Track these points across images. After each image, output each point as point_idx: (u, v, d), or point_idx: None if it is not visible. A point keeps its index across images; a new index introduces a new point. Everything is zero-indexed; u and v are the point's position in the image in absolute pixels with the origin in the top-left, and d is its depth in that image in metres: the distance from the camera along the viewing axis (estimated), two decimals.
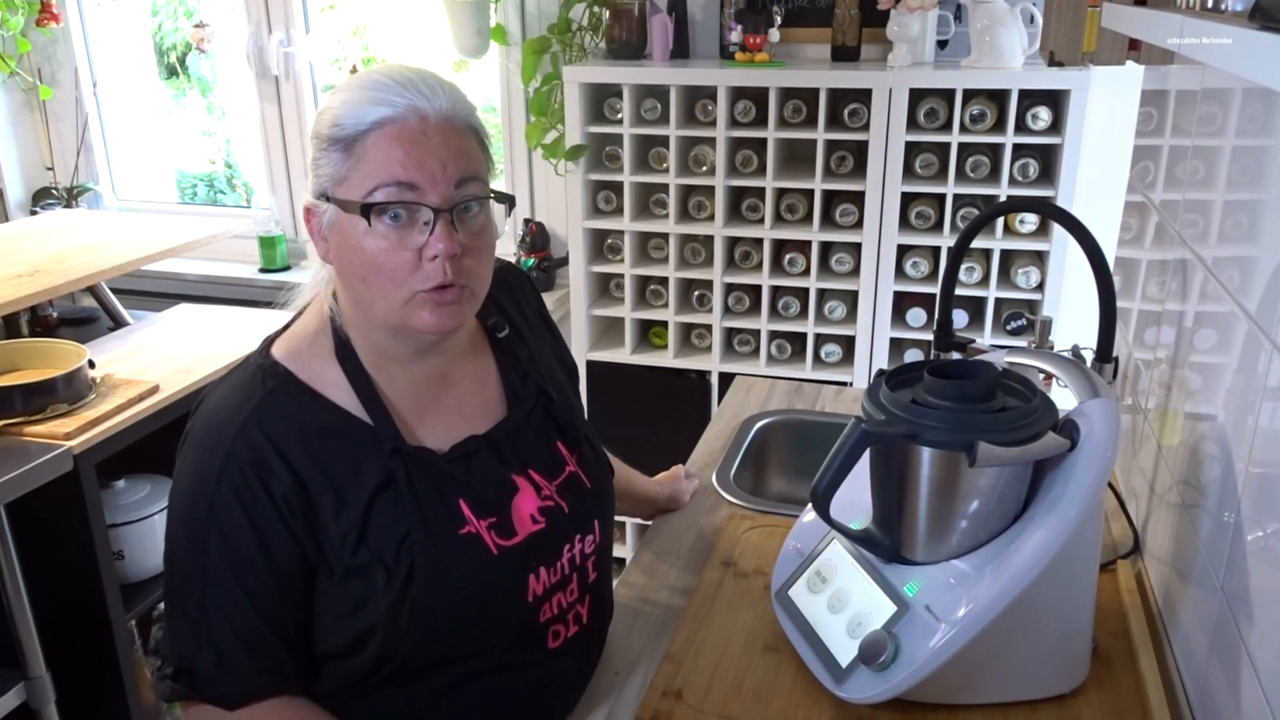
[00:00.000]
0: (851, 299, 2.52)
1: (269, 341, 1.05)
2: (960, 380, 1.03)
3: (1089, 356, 1.23)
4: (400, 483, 0.99)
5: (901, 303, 2.48)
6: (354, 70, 3.07)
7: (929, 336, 1.79)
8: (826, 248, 2.52)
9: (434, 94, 0.95)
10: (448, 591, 0.99)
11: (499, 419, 1.09)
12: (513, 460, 1.07)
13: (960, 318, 2.48)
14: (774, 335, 2.60)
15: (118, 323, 2.83)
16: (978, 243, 2.25)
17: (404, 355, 1.03)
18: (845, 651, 1.06)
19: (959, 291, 2.32)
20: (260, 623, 0.98)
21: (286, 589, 0.99)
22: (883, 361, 2.50)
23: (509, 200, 1.01)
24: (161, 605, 2.15)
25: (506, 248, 3.02)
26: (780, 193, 2.49)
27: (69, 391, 1.89)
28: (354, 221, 0.94)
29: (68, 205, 3.41)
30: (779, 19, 2.48)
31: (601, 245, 2.69)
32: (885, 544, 1.08)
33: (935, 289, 2.33)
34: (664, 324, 2.66)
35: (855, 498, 1.10)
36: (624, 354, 2.69)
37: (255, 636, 0.98)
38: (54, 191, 3.47)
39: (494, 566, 1.02)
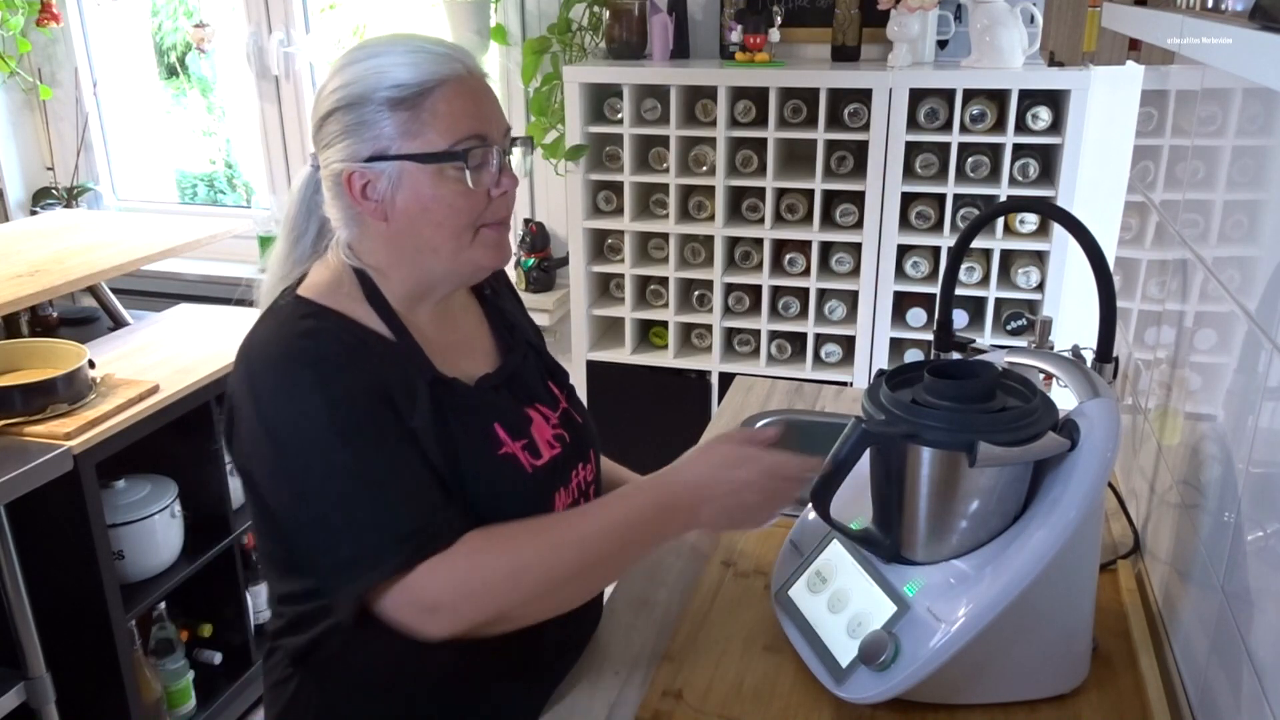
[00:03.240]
0: (851, 299, 2.52)
1: (287, 291, 1.08)
2: (960, 380, 1.02)
3: (1089, 356, 1.23)
4: (444, 408, 1.05)
5: (901, 303, 2.48)
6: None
7: (929, 336, 1.79)
8: (826, 248, 2.52)
9: (465, 53, 1.05)
10: (493, 508, 1.05)
11: (497, 363, 1.17)
12: (522, 395, 1.16)
13: (960, 318, 2.48)
14: (774, 335, 2.60)
15: (118, 323, 2.83)
16: (978, 243, 2.25)
17: (436, 297, 1.11)
18: (845, 651, 1.06)
19: (959, 291, 2.33)
20: (415, 474, 1.00)
21: (417, 456, 1.01)
22: (883, 361, 2.50)
23: (530, 142, 1.16)
24: (162, 606, 2.16)
25: None
26: (780, 193, 2.49)
27: (69, 391, 1.89)
28: (429, 171, 1.01)
29: (68, 205, 3.42)
30: (779, 19, 2.48)
31: (601, 245, 2.69)
32: (885, 544, 1.08)
33: (935, 289, 2.33)
34: (664, 324, 2.66)
35: (855, 498, 1.10)
36: (624, 354, 2.69)
37: (416, 485, 1.00)
38: (54, 191, 3.47)
39: (529, 484, 1.09)
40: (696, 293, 2.64)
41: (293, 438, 0.99)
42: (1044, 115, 2.26)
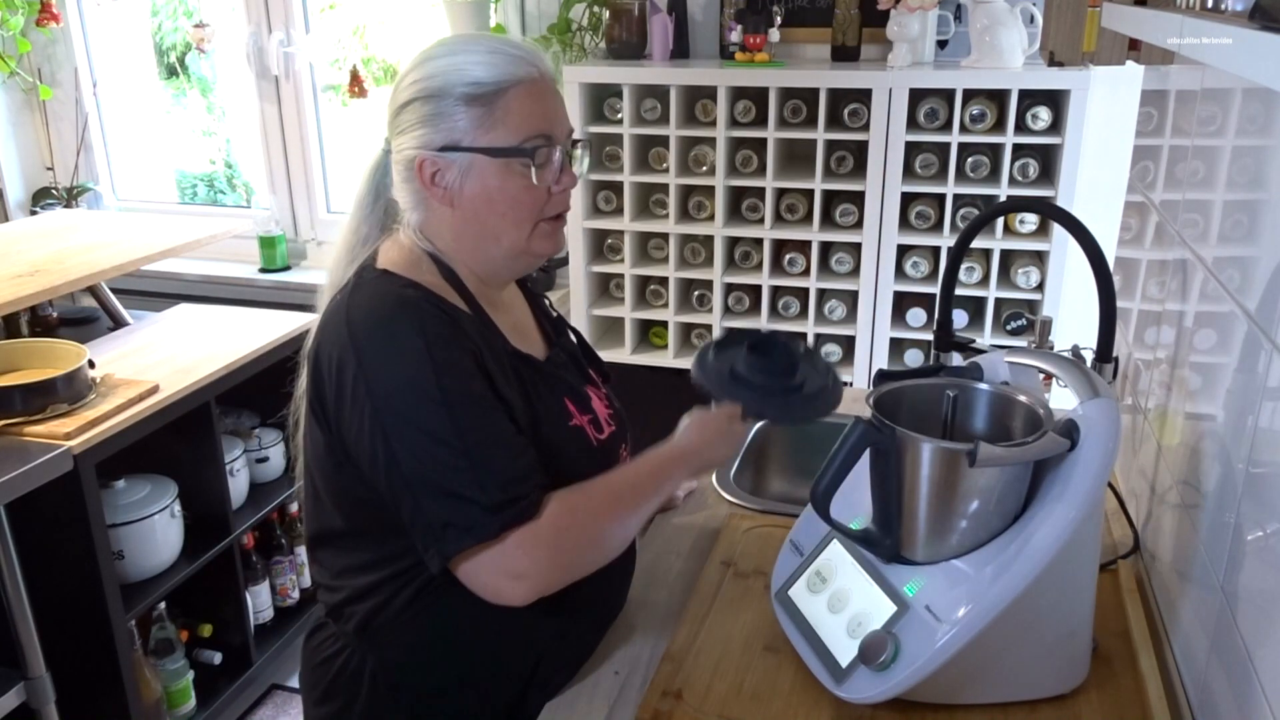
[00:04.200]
0: (851, 299, 2.52)
1: (369, 267, 1.13)
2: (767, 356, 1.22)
3: (1089, 356, 1.23)
4: (525, 379, 1.12)
5: (901, 303, 2.48)
6: (354, 71, 3.06)
7: (929, 336, 1.79)
8: (826, 248, 2.52)
9: (545, 59, 1.13)
10: (562, 474, 1.09)
11: (549, 347, 1.25)
12: (580, 375, 1.25)
13: (960, 318, 2.47)
14: None
15: (118, 323, 2.83)
16: (978, 243, 2.25)
17: (499, 282, 1.18)
18: (845, 651, 1.06)
19: (959, 291, 2.32)
20: (516, 444, 1.05)
21: (513, 421, 1.07)
22: (883, 361, 2.50)
23: (588, 144, 1.23)
24: (162, 606, 2.16)
25: None
26: (780, 193, 2.49)
27: (69, 391, 1.89)
28: (499, 164, 1.09)
29: (68, 205, 3.42)
30: (779, 19, 2.48)
31: (601, 245, 2.69)
32: (885, 544, 1.08)
33: (935, 289, 2.33)
34: (664, 324, 2.66)
35: (855, 498, 1.10)
36: (624, 354, 2.69)
37: (515, 440, 1.06)
38: (54, 191, 3.47)
39: (595, 455, 1.16)
40: (696, 293, 2.64)
41: (398, 398, 1.02)
42: (1044, 115, 2.26)
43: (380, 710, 1.15)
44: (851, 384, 2.50)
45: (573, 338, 1.32)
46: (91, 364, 1.97)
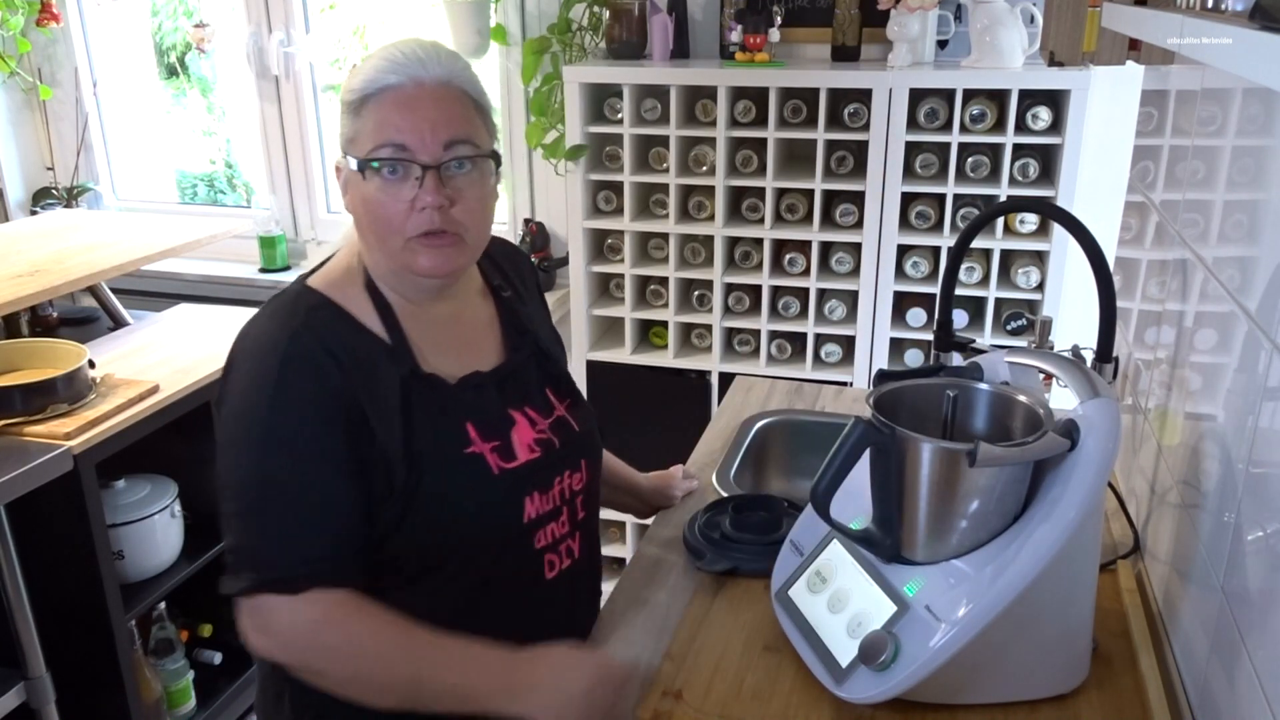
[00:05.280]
0: (851, 299, 2.52)
1: (304, 277, 1.16)
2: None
3: (1089, 356, 1.23)
4: (415, 402, 1.10)
5: (901, 303, 2.48)
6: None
7: (929, 336, 1.79)
8: (826, 248, 2.52)
9: (432, 63, 1.08)
10: (452, 502, 1.09)
11: (500, 361, 1.20)
12: (512, 396, 1.18)
13: (960, 318, 2.47)
14: (774, 335, 2.60)
15: (118, 323, 2.83)
16: (978, 243, 2.25)
17: (414, 297, 1.14)
18: (845, 651, 1.06)
19: (959, 291, 2.32)
20: (326, 510, 1.05)
21: (349, 479, 1.05)
22: (883, 361, 2.50)
23: (495, 157, 1.12)
24: (162, 606, 2.16)
25: None
26: (780, 193, 2.49)
27: (69, 391, 1.89)
28: (359, 175, 1.08)
29: (68, 205, 3.41)
30: (779, 19, 2.48)
31: (601, 245, 2.69)
32: (885, 544, 1.08)
33: (935, 289, 2.33)
34: (664, 324, 2.66)
35: (855, 498, 1.10)
36: (624, 354, 2.69)
37: (321, 523, 1.04)
38: (54, 191, 3.47)
39: (494, 483, 1.12)
40: (696, 293, 2.64)
41: (234, 421, 1.07)
42: (1044, 115, 2.26)
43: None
44: (851, 384, 2.50)
45: (545, 353, 1.25)
46: (91, 364, 1.97)
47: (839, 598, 1.10)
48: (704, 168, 2.49)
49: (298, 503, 1.04)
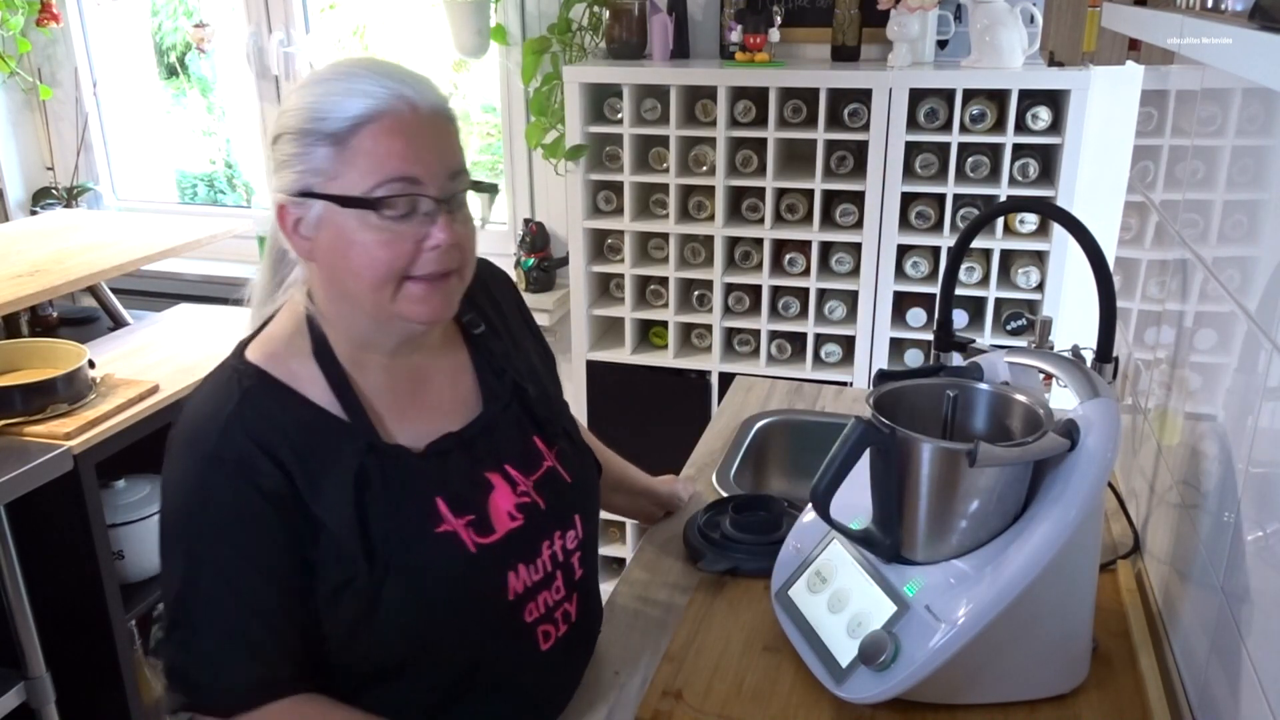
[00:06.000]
0: (851, 299, 2.52)
1: (243, 345, 1.04)
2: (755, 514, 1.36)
3: (1089, 356, 1.23)
4: (375, 481, 0.99)
5: (901, 303, 2.48)
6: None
7: (929, 336, 1.79)
8: (826, 248, 2.52)
9: (419, 85, 0.96)
10: (425, 589, 0.99)
11: (474, 415, 1.08)
12: (487, 457, 1.07)
13: (960, 318, 2.47)
14: (774, 335, 2.60)
15: (118, 323, 2.83)
16: (978, 243, 2.25)
17: (384, 349, 1.03)
18: (845, 651, 1.06)
19: (959, 291, 2.32)
20: (256, 626, 0.96)
21: (284, 586, 0.97)
22: (883, 361, 2.50)
23: (493, 189, 1.04)
24: (160, 606, 2.16)
25: (507, 247, 3.02)
26: (780, 193, 2.49)
27: (69, 391, 1.89)
28: (351, 215, 0.94)
29: (68, 205, 3.41)
30: (779, 19, 2.48)
31: (601, 245, 2.69)
32: (885, 544, 1.08)
33: (935, 289, 2.33)
34: (664, 324, 2.66)
35: (855, 498, 1.10)
36: (624, 354, 2.69)
37: (250, 640, 0.96)
38: (54, 191, 3.47)
39: (471, 564, 1.02)
40: (696, 293, 2.64)
41: (164, 535, 0.99)
42: (1044, 115, 2.26)
43: None
44: (851, 384, 2.50)
45: (520, 390, 1.12)
46: (91, 364, 1.97)
47: (839, 598, 1.10)
48: (704, 168, 2.49)
49: (226, 620, 0.96)
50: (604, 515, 1.37)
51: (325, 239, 0.96)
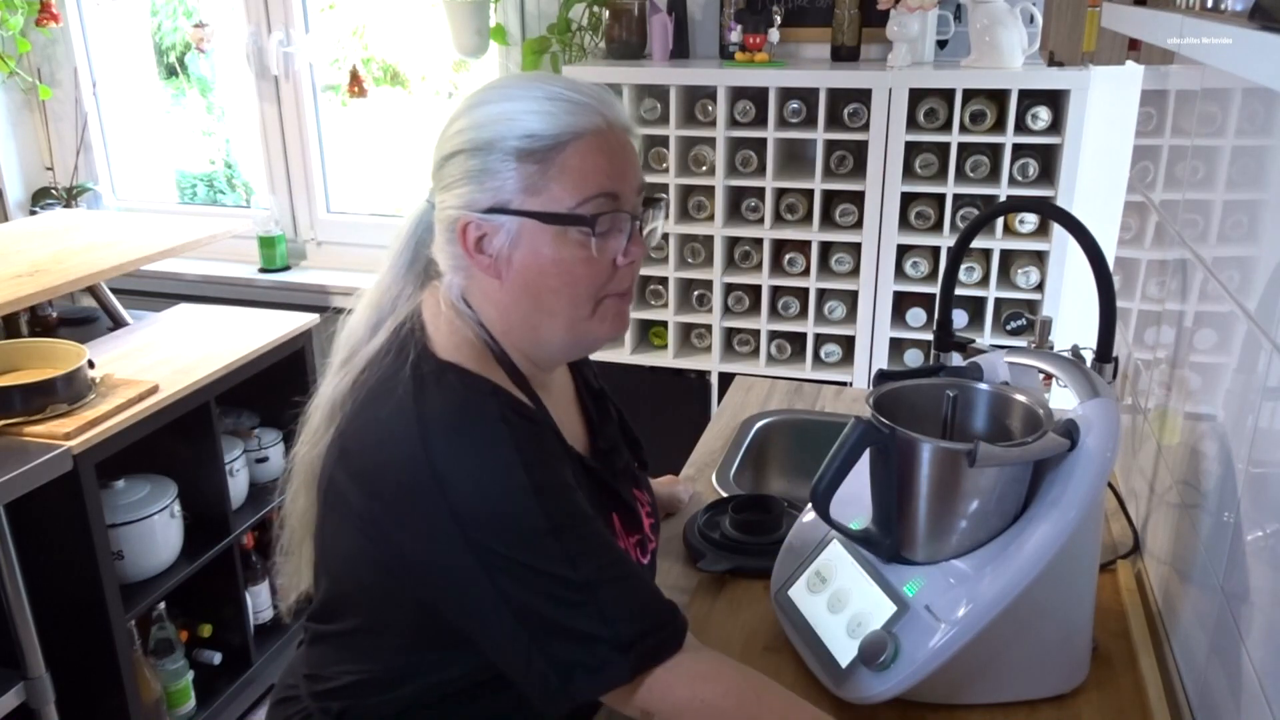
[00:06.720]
0: (851, 299, 2.52)
1: (420, 357, 0.96)
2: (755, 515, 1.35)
3: (1089, 356, 1.23)
4: (582, 488, 0.97)
5: (901, 303, 2.48)
6: (354, 71, 3.06)
7: (929, 336, 1.79)
8: (826, 248, 2.52)
9: (613, 103, 0.96)
10: None
11: (591, 439, 1.09)
12: (627, 479, 1.07)
13: (960, 318, 2.47)
14: (774, 335, 2.60)
15: (117, 323, 2.83)
16: (978, 243, 2.25)
17: (548, 365, 1.04)
18: (845, 651, 1.06)
19: (959, 291, 2.32)
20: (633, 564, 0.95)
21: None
22: (883, 361, 2.50)
23: (664, 202, 1.04)
24: (161, 606, 2.15)
25: None
26: (780, 193, 2.49)
27: (69, 391, 1.89)
28: (549, 232, 0.93)
29: (67, 205, 3.41)
30: (779, 19, 2.48)
31: None
32: (885, 544, 1.08)
33: (935, 289, 2.33)
34: (664, 324, 2.66)
35: (855, 498, 1.10)
36: (624, 354, 2.69)
37: (644, 574, 0.95)
38: (54, 191, 3.47)
39: None
40: (696, 293, 2.64)
41: (498, 530, 0.88)
42: (1044, 115, 2.26)
43: None
44: (851, 384, 2.50)
45: (614, 414, 1.13)
46: (91, 364, 1.97)
47: (839, 598, 1.10)
48: (704, 168, 2.49)
49: (613, 562, 0.91)
50: None
51: (521, 256, 0.94)
